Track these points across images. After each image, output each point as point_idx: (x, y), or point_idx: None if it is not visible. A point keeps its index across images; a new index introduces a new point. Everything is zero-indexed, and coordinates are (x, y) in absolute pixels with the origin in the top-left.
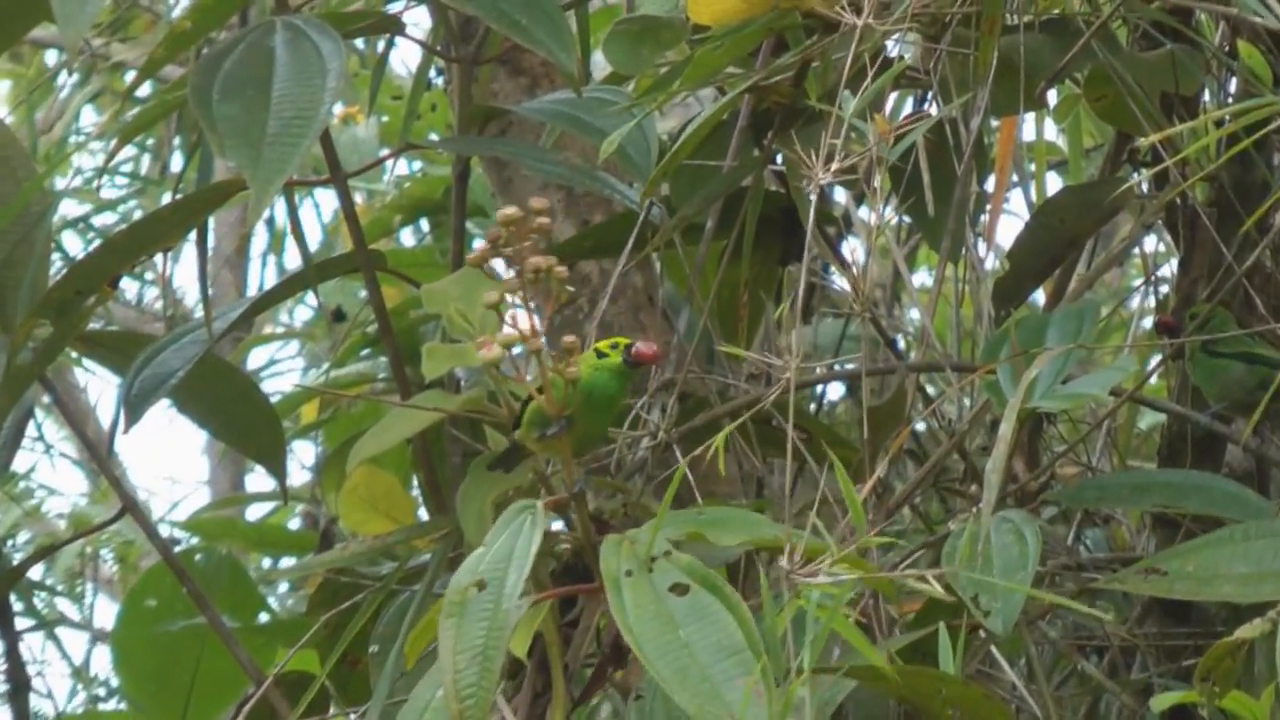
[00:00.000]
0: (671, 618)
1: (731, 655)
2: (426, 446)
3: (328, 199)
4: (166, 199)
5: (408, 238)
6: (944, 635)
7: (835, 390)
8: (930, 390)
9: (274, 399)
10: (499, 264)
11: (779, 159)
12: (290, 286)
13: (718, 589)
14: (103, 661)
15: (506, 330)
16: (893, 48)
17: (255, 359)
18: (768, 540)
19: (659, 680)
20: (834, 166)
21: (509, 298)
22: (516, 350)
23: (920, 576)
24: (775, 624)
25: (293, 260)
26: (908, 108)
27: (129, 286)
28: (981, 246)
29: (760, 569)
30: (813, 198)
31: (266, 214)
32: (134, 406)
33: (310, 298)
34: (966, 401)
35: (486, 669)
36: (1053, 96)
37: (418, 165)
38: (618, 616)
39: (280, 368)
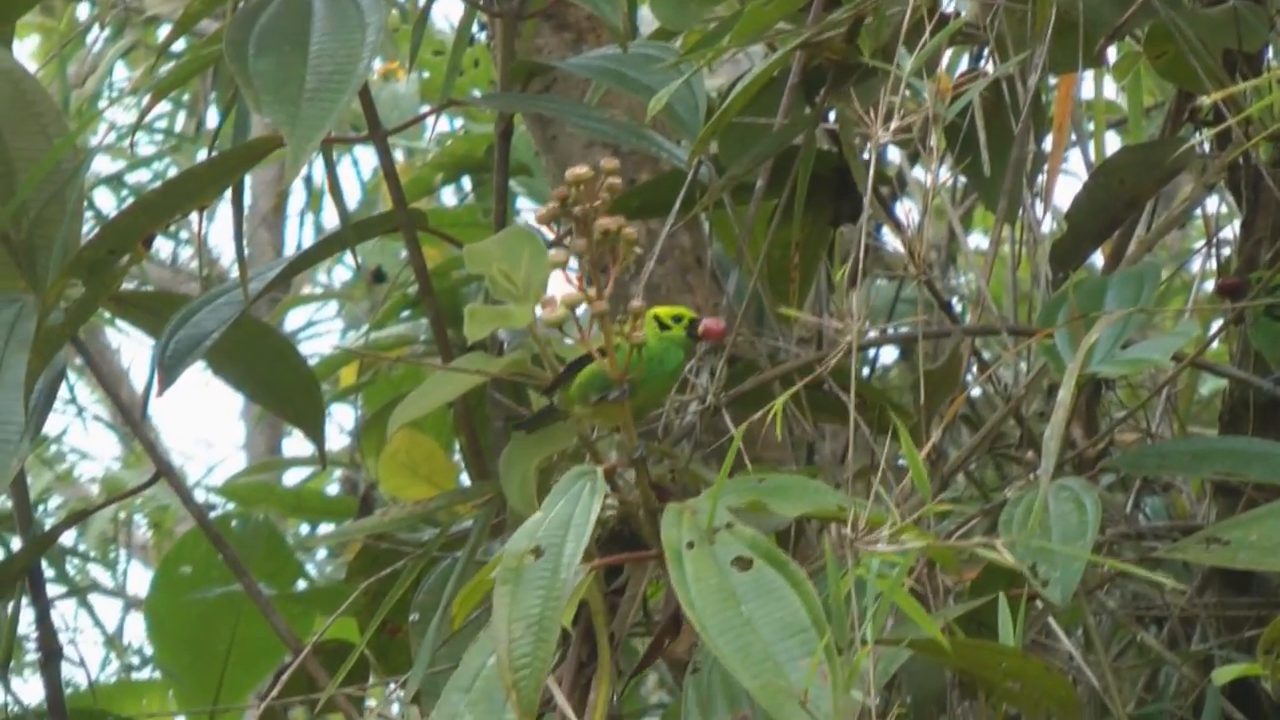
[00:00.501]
0: (734, 593)
1: (796, 634)
2: (469, 410)
3: (367, 157)
4: (201, 156)
5: (449, 197)
6: (1004, 607)
7: (887, 355)
8: (986, 355)
9: (312, 361)
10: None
11: (831, 117)
12: (328, 246)
13: (782, 564)
14: (136, 630)
15: (569, 290)
16: (948, 3)
17: (293, 320)
18: (829, 509)
19: (721, 657)
20: (892, 125)
21: (572, 261)
22: (579, 310)
23: (987, 544)
24: (836, 591)
25: (331, 219)
26: (963, 66)
27: (163, 246)
28: (1039, 207)
29: (811, 537)
30: (871, 158)
31: (304, 172)
32: (168, 369)
33: (349, 258)
34: (1023, 366)
35: (542, 639)
36: (1112, 54)
37: (459, 123)
38: (679, 590)
39: (318, 329)
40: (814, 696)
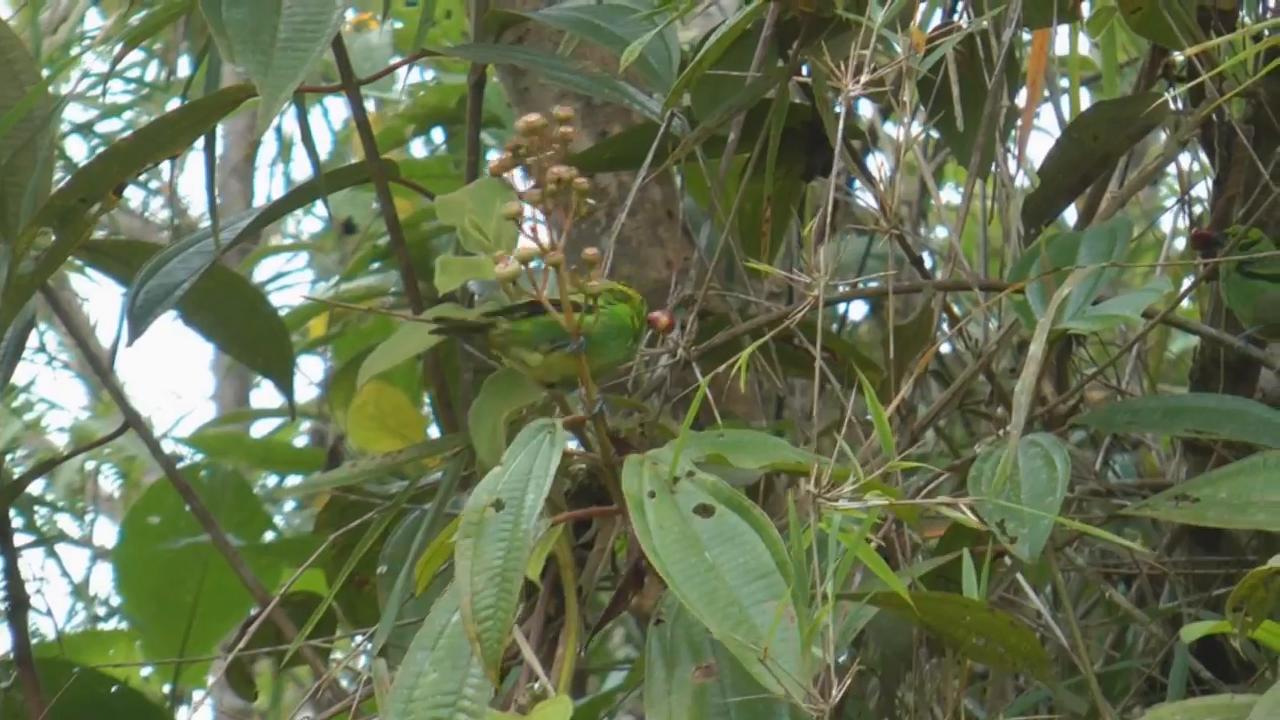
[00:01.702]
0: (697, 539)
1: (760, 578)
2: (438, 363)
3: (338, 107)
4: (173, 105)
5: (419, 148)
6: (967, 562)
7: (858, 310)
8: (957, 310)
9: (282, 312)
10: (517, 175)
11: (804, 70)
12: (300, 196)
13: (745, 510)
14: (104, 579)
15: (524, 244)
16: None
17: (263, 271)
18: (789, 463)
19: (686, 603)
20: (863, 79)
21: (527, 210)
22: (534, 265)
23: (949, 503)
24: (799, 547)
25: (301, 169)
26: (936, 20)
27: (134, 195)
28: (1011, 163)
29: (780, 492)
30: (841, 111)
31: (275, 122)
32: (138, 319)
33: (320, 209)
34: (994, 323)
35: (505, 590)
36: (1086, 9)
37: (430, 74)
38: (642, 539)
39: (288, 280)
40: (779, 641)
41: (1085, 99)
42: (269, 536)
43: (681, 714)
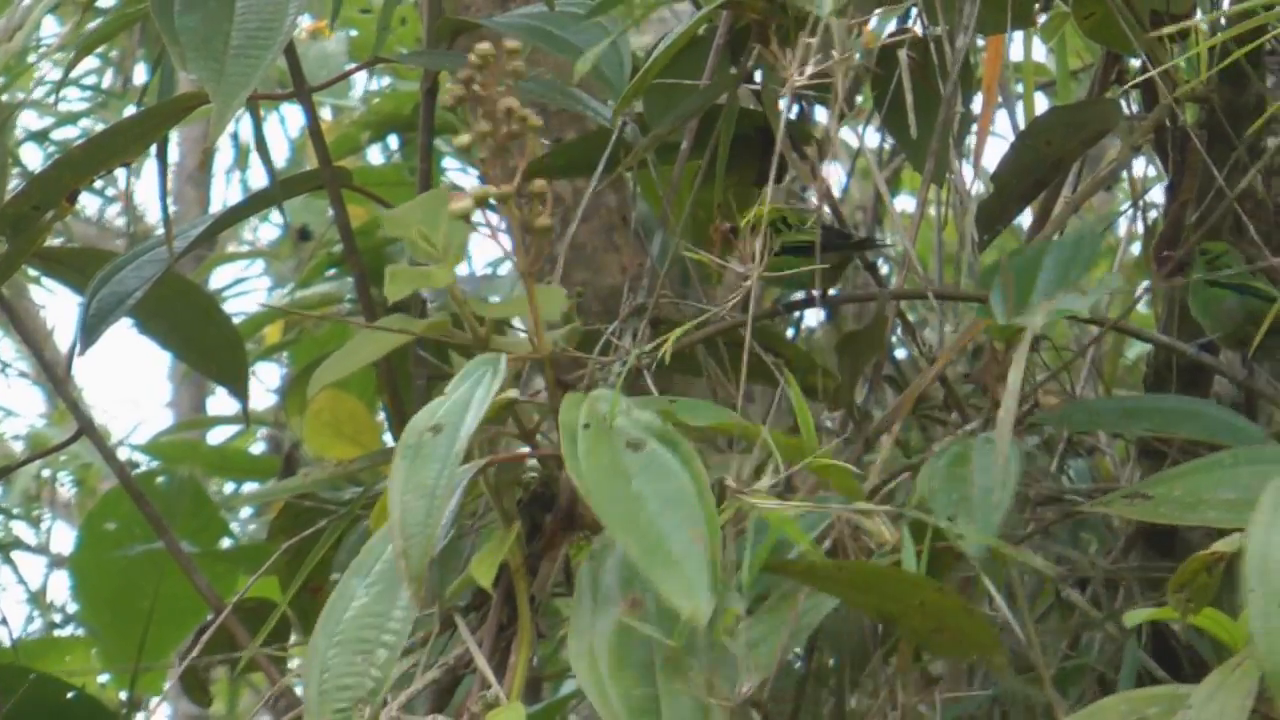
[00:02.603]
0: (625, 471)
1: (681, 507)
2: (392, 370)
3: (295, 115)
4: (128, 112)
5: (375, 155)
6: (908, 544)
7: (815, 317)
8: (912, 317)
9: (238, 319)
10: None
11: (756, 77)
12: (254, 204)
13: (675, 444)
14: (60, 586)
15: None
16: None
17: (219, 278)
18: (734, 425)
19: (606, 525)
20: (808, 70)
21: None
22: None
23: (864, 510)
24: (718, 538)
25: (258, 177)
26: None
27: (89, 202)
28: (966, 169)
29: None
30: (787, 100)
31: (232, 129)
32: (91, 327)
33: (276, 216)
34: (948, 329)
35: (435, 506)
36: (1041, 15)
37: (386, 81)
38: (570, 466)
39: (244, 288)
40: (694, 566)
41: (1040, 106)
42: (225, 543)
43: (603, 642)
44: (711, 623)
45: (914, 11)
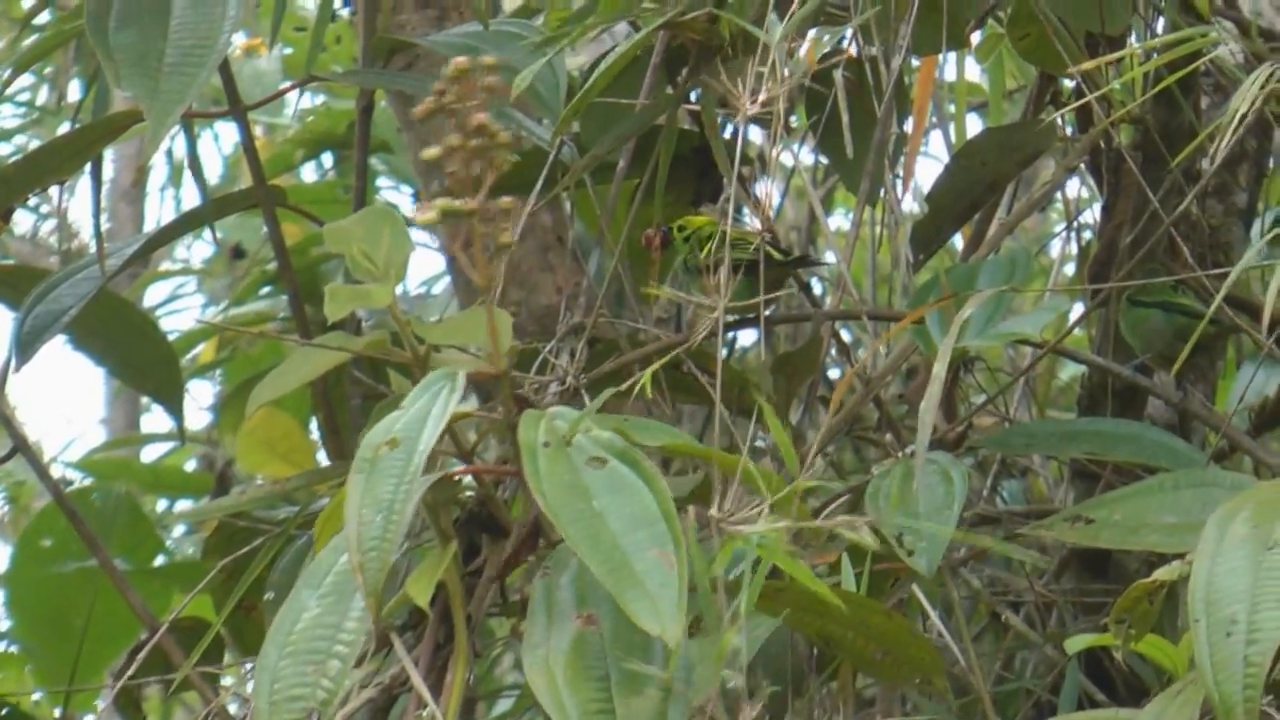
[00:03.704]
0: (587, 489)
1: (645, 527)
2: (327, 389)
3: (228, 132)
4: (63, 130)
5: (309, 173)
6: (847, 568)
7: (746, 336)
8: (846, 336)
9: (172, 337)
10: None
11: (693, 97)
12: (188, 222)
13: (636, 463)
14: None
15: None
16: None
17: (153, 295)
18: (686, 447)
19: (570, 543)
20: (760, 98)
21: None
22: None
23: (850, 523)
24: (705, 572)
25: (191, 194)
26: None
27: (23, 220)
28: (899, 189)
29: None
30: (741, 130)
31: (166, 146)
32: (26, 344)
33: (210, 233)
34: (882, 349)
35: (392, 521)
36: (975, 36)
37: (320, 99)
38: (532, 484)
39: (178, 305)
40: (657, 584)
41: (973, 126)
42: (160, 560)
43: (559, 658)
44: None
45: (849, 31)
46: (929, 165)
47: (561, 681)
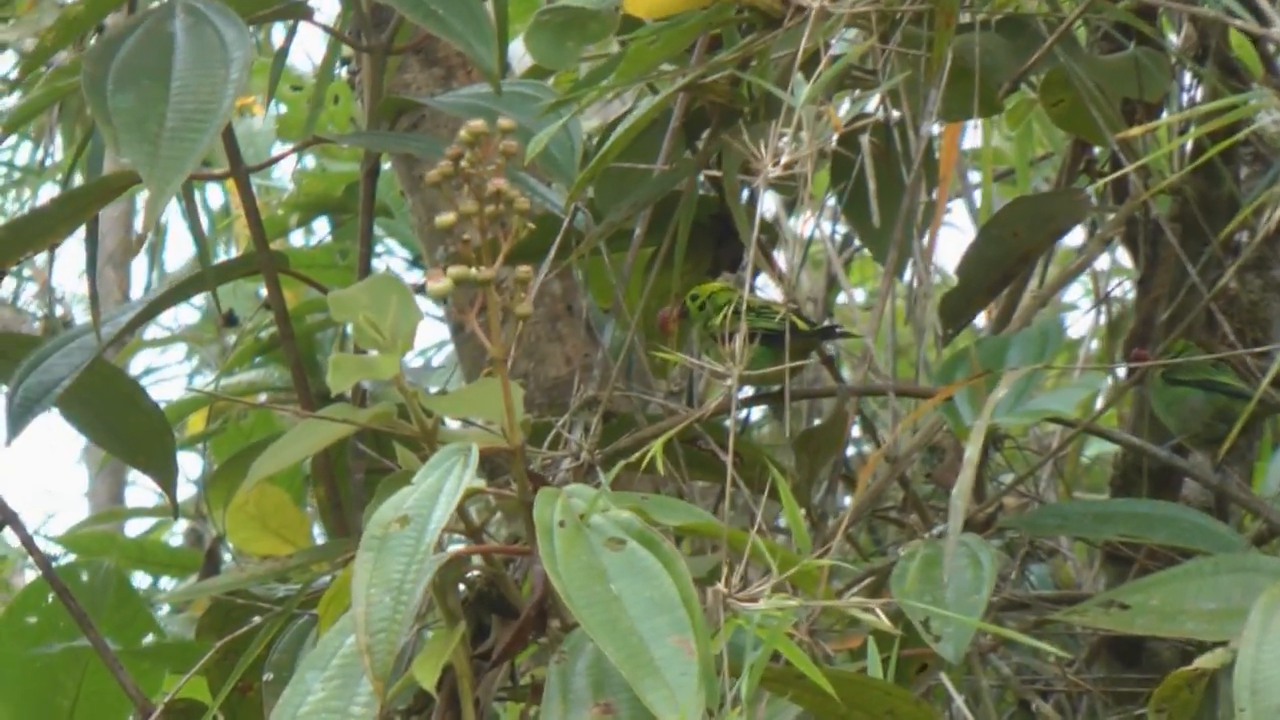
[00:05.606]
0: (604, 571)
1: (664, 612)
2: (329, 462)
3: (213, 194)
4: (46, 190)
5: (297, 238)
6: (873, 651)
7: (759, 411)
8: (867, 412)
9: (161, 406)
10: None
11: (713, 162)
12: (187, 289)
13: (654, 545)
14: None
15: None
16: (836, 47)
17: (137, 363)
18: (705, 526)
19: (586, 628)
20: (783, 160)
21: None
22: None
23: (864, 604)
24: (709, 647)
25: (173, 258)
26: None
27: (6, 284)
28: (925, 259)
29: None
30: (760, 194)
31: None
32: (17, 417)
33: (197, 298)
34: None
35: (401, 602)
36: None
37: (310, 161)
38: (547, 564)
39: (165, 374)
40: (676, 673)
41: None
42: (149, 639)
43: None
44: None
45: (875, 97)
46: (949, 234)
47: None
